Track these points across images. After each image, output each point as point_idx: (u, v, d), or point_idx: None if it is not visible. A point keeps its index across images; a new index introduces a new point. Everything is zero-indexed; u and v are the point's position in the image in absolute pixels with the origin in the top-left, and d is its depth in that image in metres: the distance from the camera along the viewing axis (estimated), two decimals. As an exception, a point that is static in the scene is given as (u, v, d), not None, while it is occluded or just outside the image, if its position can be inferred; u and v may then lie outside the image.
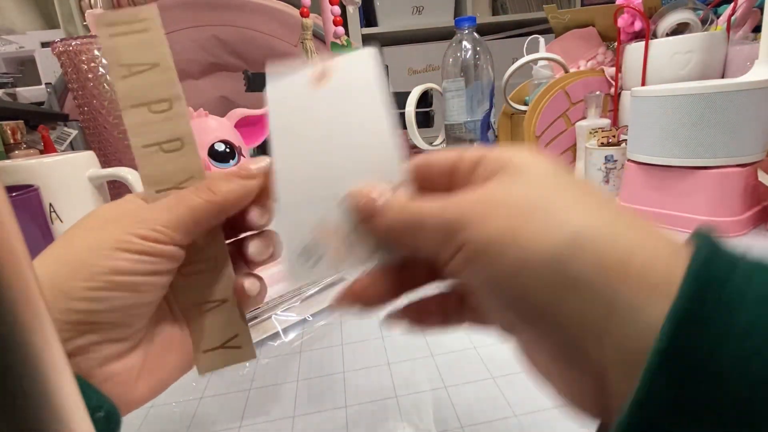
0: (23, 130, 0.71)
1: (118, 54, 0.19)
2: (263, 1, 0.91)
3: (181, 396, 0.29)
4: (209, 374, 0.31)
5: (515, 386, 0.27)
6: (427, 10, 1.53)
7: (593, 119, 0.64)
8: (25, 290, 0.09)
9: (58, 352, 0.09)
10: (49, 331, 0.09)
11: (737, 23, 0.58)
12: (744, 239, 0.43)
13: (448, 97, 0.69)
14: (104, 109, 0.66)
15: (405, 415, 0.26)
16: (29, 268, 0.09)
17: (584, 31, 0.75)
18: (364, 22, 1.54)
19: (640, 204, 0.50)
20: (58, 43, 0.64)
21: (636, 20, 0.62)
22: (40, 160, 0.50)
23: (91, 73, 0.64)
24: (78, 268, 0.17)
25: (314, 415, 0.26)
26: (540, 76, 0.71)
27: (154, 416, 0.28)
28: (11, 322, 0.08)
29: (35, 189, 0.41)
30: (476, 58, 0.66)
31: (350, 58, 0.20)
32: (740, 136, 0.43)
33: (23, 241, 0.09)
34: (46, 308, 0.09)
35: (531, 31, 1.11)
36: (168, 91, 0.20)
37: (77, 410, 0.10)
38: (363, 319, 0.36)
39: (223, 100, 0.93)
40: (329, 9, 0.73)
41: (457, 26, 0.67)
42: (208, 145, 0.55)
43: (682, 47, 0.57)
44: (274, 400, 0.28)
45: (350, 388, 0.28)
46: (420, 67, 1.55)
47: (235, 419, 0.27)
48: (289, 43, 0.91)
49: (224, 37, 0.90)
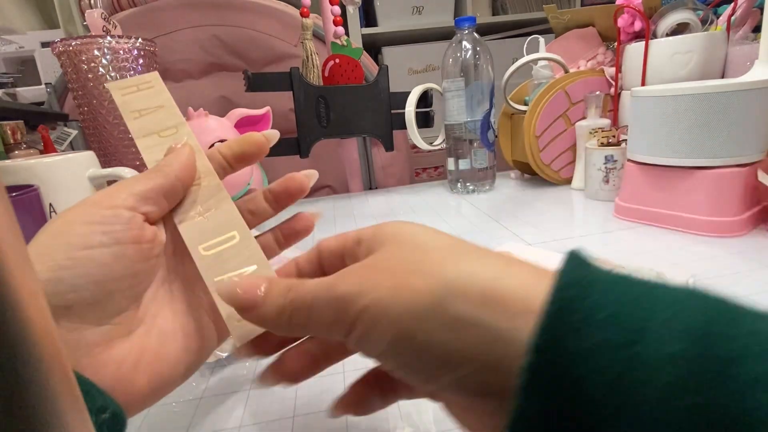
0: (23, 130, 0.71)
1: (129, 105, 0.23)
2: (263, 1, 0.91)
3: (181, 396, 0.29)
4: (210, 375, 0.31)
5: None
6: (427, 10, 1.53)
7: (593, 119, 0.64)
8: (24, 290, 0.09)
9: (59, 352, 0.09)
10: (49, 331, 0.09)
11: (737, 23, 0.58)
12: (744, 239, 0.43)
13: (448, 97, 0.69)
14: (104, 109, 0.66)
15: (405, 415, 0.26)
16: (29, 268, 0.09)
17: (584, 31, 0.75)
18: (364, 22, 1.54)
19: (640, 204, 0.50)
20: (58, 43, 0.64)
21: (636, 20, 0.62)
22: (40, 160, 0.50)
23: (91, 73, 0.64)
24: (39, 255, 0.16)
25: (314, 415, 0.26)
26: (540, 76, 0.71)
27: (154, 416, 0.28)
28: (10, 322, 0.08)
29: (35, 189, 0.41)
30: (476, 58, 0.66)
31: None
32: (740, 136, 0.43)
33: (23, 241, 0.09)
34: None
35: (531, 31, 1.11)
36: (173, 120, 0.23)
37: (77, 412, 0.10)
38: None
39: (223, 100, 0.93)
40: (329, 9, 0.73)
41: (457, 26, 0.67)
42: (208, 145, 0.55)
43: (682, 47, 0.57)
44: (274, 401, 0.28)
45: (350, 388, 0.28)
46: (420, 67, 1.55)
47: (235, 419, 0.27)
48: (289, 43, 0.91)
49: (224, 37, 0.90)
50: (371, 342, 0.16)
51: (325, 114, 0.69)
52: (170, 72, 0.90)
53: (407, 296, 0.15)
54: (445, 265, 0.15)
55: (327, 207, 0.73)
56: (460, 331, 0.14)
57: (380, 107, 0.72)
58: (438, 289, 0.15)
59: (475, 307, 0.14)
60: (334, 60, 0.69)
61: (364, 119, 0.72)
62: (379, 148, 0.86)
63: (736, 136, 0.43)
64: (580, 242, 0.47)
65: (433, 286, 0.15)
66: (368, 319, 0.15)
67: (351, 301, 0.15)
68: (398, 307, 0.15)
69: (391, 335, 0.15)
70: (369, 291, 0.15)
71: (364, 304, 0.15)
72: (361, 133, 0.73)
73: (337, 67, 0.70)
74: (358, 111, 0.71)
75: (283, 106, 0.81)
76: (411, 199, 0.72)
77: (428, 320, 0.14)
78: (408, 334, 0.15)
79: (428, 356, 0.14)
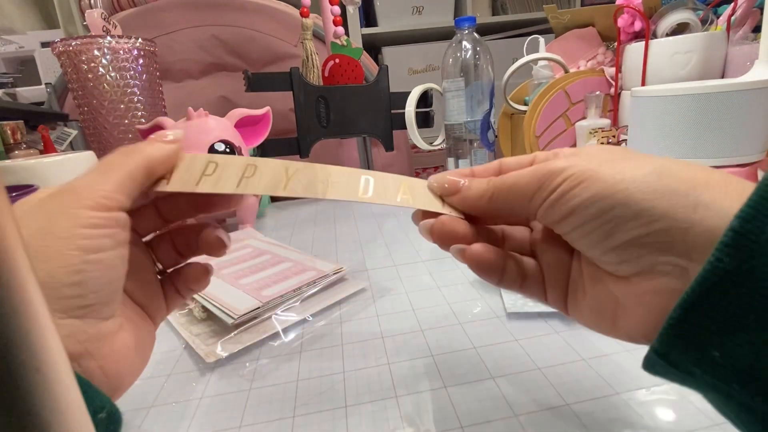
0: (23, 130, 0.71)
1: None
2: (263, 1, 0.91)
3: (181, 396, 0.29)
4: (209, 374, 0.31)
5: (515, 386, 0.27)
6: (427, 10, 1.53)
7: (593, 119, 0.64)
8: (24, 291, 0.09)
9: (60, 353, 0.09)
10: (49, 331, 0.09)
11: (737, 23, 0.58)
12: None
13: (448, 97, 0.69)
14: (104, 109, 0.66)
15: (405, 415, 0.26)
16: (28, 269, 0.09)
17: (584, 31, 0.75)
18: (364, 22, 1.54)
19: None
20: (58, 43, 0.64)
21: (636, 20, 0.62)
22: (40, 160, 0.50)
23: (91, 73, 0.64)
24: (48, 258, 0.16)
25: (314, 415, 0.26)
26: (540, 76, 0.71)
27: (154, 416, 0.28)
28: (10, 323, 0.08)
29: (35, 189, 0.41)
30: (476, 58, 0.66)
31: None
32: (740, 136, 0.43)
33: (24, 243, 0.09)
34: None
35: (531, 31, 1.11)
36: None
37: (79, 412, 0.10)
38: (363, 320, 0.36)
39: (223, 100, 0.93)
40: (329, 9, 0.73)
41: (457, 26, 0.67)
42: (208, 145, 0.55)
43: (682, 47, 0.57)
44: (274, 400, 0.28)
45: (350, 388, 0.28)
46: (420, 67, 1.55)
47: (235, 419, 0.27)
48: (289, 43, 0.91)
49: (224, 37, 0.90)
50: (568, 200, 0.18)
51: (325, 114, 0.69)
52: (170, 72, 0.90)
53: (620, 169, 0.17)
54: (647, 160, 0.18)
55: (327, 207, 0.73)
56: (666, 196, 0.16)
57: (380, 107, 0.72)
58: (651, 166, 0.17)
59: (684, 184, 0.16)
60: (334, 60, 0.69)
61: (364, 119, 0.72)
62: (379, 148, 0.86)
63: (736, 136, 0.43)
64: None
65: (644, 169, 0.17)
66: (574, 180, 0.18)
67: (559, 171, 0.18)
68: (610, 174, 0.17)
69: (594, 191, 0.17)
70: (579, 164, 0.18)
71: (572, 172, 0.18)
72: (361, 133, 0.73)
73: (337, 67, 0.70)
74: (358, 111, 0.71)
75: (283, 106, 0.81)
76: (411, 199, 0.72)
77: (636, 182, 0.17)
78: (612, 190, 0.17)
79: (625, 210, 0.17)
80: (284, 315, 0.37)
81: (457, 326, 0.34)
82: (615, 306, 0.19)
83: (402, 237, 0.55)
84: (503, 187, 0.21)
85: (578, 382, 0.27)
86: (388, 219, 0.63)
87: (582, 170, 0.18)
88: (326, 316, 0.38)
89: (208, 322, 0.37)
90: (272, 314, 0.36)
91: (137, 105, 0.68)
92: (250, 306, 0.35)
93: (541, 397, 0.26)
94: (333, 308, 0.39)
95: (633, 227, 0.17)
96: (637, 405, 0.25)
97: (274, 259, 0.46)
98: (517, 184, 0.20)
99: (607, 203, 0.17)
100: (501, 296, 0.37)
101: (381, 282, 0.43)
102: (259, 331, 0.35)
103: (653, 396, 0.25)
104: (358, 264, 0.48)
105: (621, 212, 0.17)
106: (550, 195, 0.19)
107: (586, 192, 0.18)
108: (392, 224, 0.60)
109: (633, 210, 0.16)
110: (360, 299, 0.40)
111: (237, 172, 0.21)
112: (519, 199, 0.20)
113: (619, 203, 0.17)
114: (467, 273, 0.42)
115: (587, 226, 0.18)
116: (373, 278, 0.44)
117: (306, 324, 0.37)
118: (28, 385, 0.08)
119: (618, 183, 0.17)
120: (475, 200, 0.22)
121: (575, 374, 0.27)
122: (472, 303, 0.37)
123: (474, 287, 0.40)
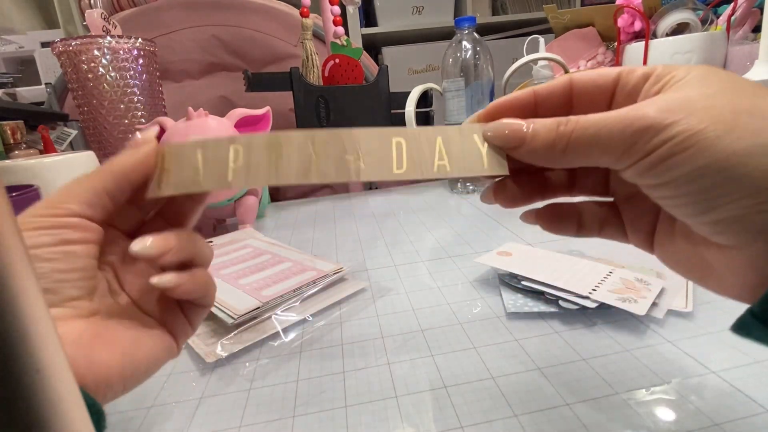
0: (23, 130, 0.71)
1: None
2: (263, 1, 0.91)
3: (181, 396, 0.29)
4: (210, 374, 0.31)
5: (515, 386, 0.27)
6: (427, 10, 1.53)
7: (593, 119, 0.64)
8: (25, 293, 0.09)
9: (60, 354, 0.09)
10: (49, 332, 0.09)
11: (737, 23, 0.58)
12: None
13: (448, 97, 0.69)
14: (104, 109, 0.66)
15: (405, 415, 0.26)
16: (28, 268, 0.09)
17: (584, 31, 0.75)
18: (364, 22, 1.54)
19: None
20: (58, 43, 0.64)
21: (636, 20, 0.62)
22: (40, 160, 0.50)
23: (91, 73, 0.64)
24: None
25: (314, 415, 0.26)
26: (540, 76, 0.71)
27: (154, 416, 0.28)
28: (10, 321, 0.08)
29: (35, 189, 0.41)
30: (476, 58, 0.66)
31: None
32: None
33: (24, 243, 0.09)
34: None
35: (531, 31, 1.11)
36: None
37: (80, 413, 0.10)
38: (363, 320, 0.36)
39: (223, 100, 0.93)
40: (329, 9, 0.73)
41: (457, 26, 0.67)
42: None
43: (682, 47, 0.57)
44: (274, 400, 0.28)
45: (350, 388, 0.28)
46: (420, 67, 1.55)
47: (235, 419, 0.27)
48: (289, 43, 0.91)
49: (224, 37, 0.90)
50: (668, 168, 0.15)
51: (325, 114, 0.69)
52: (170, 72, 0.90)
53: (740, 134, 0.14)
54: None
55: (327, 207, 0.73)
56: None
57: (380, 107, 0.72)
58: None
59: None
60: (334, 60, 0.69)
61: (364, 119, 0.72)
62: (379, 148, 0.86)
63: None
64: (580, 242, 0.47)
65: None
66: (677, 145, 0.15)
67: (659, 128, 0.15)
68: (728, 140, 0.14)
69: (703, 163, 0.15)
70: (687, 118, 0.15)
71: (675, 132, 0.15)
72: (361, 133, 0.73)
73: (337, 67, 0.70)
74: (358, 111, 0.71)
75: (283, 106, 0.81)
76: (411, 200, 0.72)
77: (757, 155, 0.14)
78: (726, 164, 0.14)
79: (738, 188, 0.14)
80: (284, 315, 0.37)
81: (457, 326, 0.34)
82: (705, 266, 0.17)
83: (402, 237, 0.55)
84: (581, 139, 0.17)
85: (578, 382, 0.27)
86: (388, 219, 0.63)
87: (689, 132, 0.15)
88: (326, 316, 0.38)
89: (208, 321, 0.37)
90: (272, 314, 0.36)
91: (137, 105, 0.68)
92: (250, 306, 0.35)
93: (541, 397, 0.26)
94: (333, 308, 0.39)
95: (745, 206, 0.14)
96: (637, 405, 0.25)
97: (274, 259, 0.46)
98: (599, 136, 0.17)
99: (718, 179, 0.15)
100: (501, 296, 0.37)
101: (381, 282, 0.43)
102: (259, 331, 0.35)
103: (653, 396, 0.25)
104: (358, 264, 0.48)
105: (733, 190, 0.14)
106: (644, 158, 0.16)
107: (692, 162, 0.15)
108: (392, 224, 0.60)
109: (748, 190, 0.14)
110: (360, 299, 0.40)
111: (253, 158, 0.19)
112: (601, 156, 0.17)
113: (733, 180, 0.14)
114: (467, 273, 0.42)
115: (685, 198, 0.16)
116: (373, 278, 0.44)
117: (306, 324, 0.37)
118: (29, 386, 0.08)
119: (734, 155, 0.14)
120: (545, 153, 0.18)
121: (575, 374, 0.27)
122: (472, 303, 0.37)
123: (474, 287, 0.40)
